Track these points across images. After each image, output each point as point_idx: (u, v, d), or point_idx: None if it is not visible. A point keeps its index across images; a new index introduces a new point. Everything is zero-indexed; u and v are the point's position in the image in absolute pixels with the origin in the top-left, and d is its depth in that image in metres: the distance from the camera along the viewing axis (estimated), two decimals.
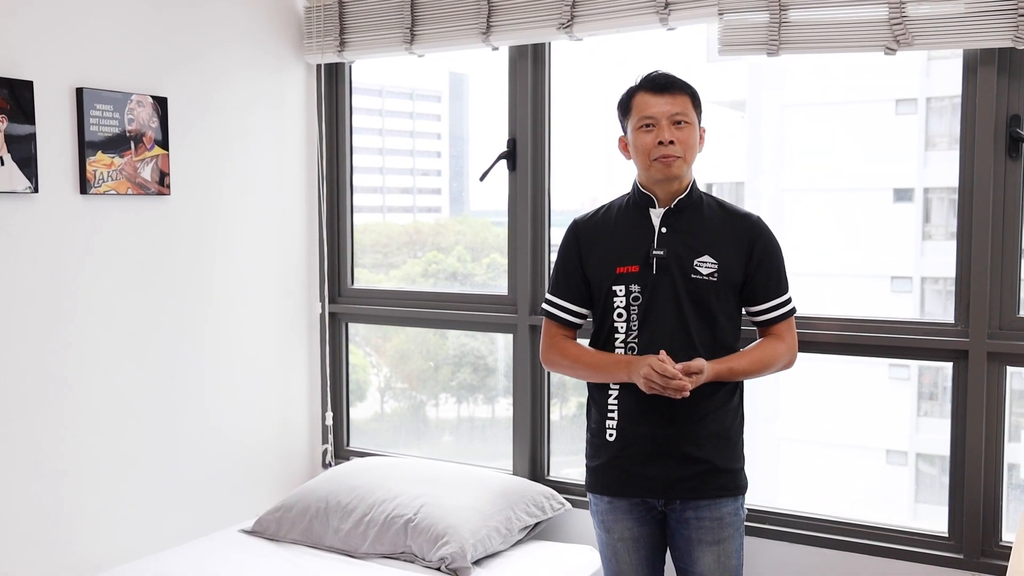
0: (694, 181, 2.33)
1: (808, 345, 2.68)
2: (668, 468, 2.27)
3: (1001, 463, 2.54)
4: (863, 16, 2.51)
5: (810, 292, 2.80)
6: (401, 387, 3.91)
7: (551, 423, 3.23)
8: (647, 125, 2.25)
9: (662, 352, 2.17)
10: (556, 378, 3.23)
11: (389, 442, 3.73)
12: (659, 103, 2.24)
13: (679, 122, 2.24)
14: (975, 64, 2.49)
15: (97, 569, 2.78)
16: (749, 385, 2.44)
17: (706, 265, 2.26)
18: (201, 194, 3.10)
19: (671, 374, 2.12)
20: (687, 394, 2.14)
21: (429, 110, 4.08)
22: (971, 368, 2.53)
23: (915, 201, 3.87)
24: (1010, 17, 2.34)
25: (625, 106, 2.32)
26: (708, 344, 2.26)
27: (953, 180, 2.57)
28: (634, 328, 2.28)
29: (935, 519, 2.67)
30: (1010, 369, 2.56)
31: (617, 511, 2.36)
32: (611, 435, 2.31)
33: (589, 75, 3.26)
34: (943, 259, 2.62)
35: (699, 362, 2.17)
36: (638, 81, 2.31)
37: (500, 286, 3.29)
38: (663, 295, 2.26)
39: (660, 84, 2.26)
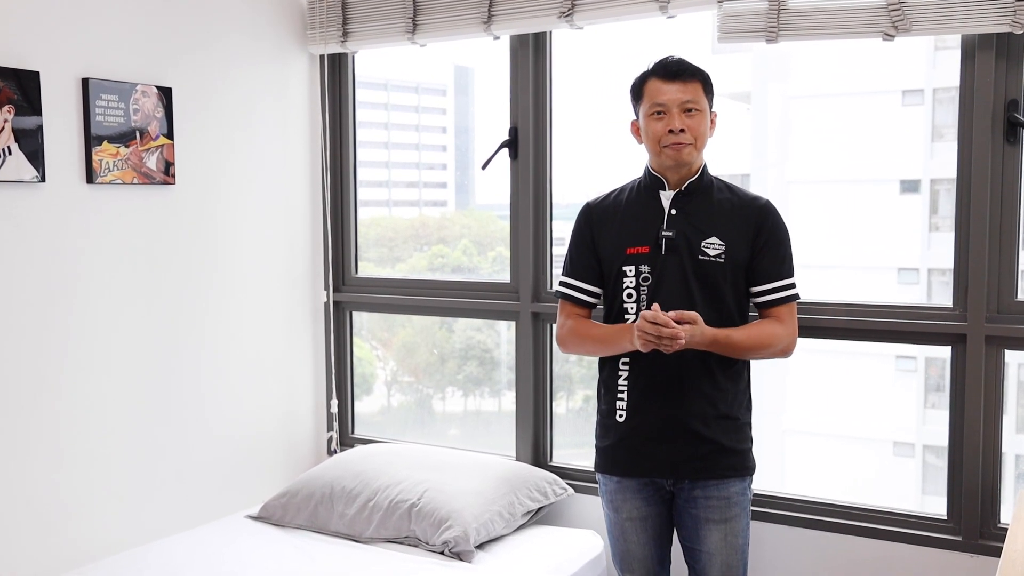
0: (705, 165, 2.34)
1: (807, 330, 2.69)
2: (677, 448, 2.29)
3: (999, 446, 2.54)
4: (861, 2, 2.51)
5: (816, 284, 2.81)
6: (407, 380, 3.92)
7: (555, 413, 3.24)
8: (658, 112, 2.27)
9: (655, 305, 2.17)
10: (560, 367, 3.25)
11: (396, 435, 3.72)
12: (670, 90, 2.26)
13: (690, 109, 2.26)
14: (973, 49, 2.50)
15: (104, 554, 2.82)
16: (756, 375, 2.45)
17: (714, 247, 2.28)
18: (205, 184, 3.13)
19: (662, 321, 2.12)
20: (682, 343, 2.12)
21: (434, 104, 4.10)
22: (969, 352, 2.53)
23: (922, 192, 3.86)
24: (1007, 1, 2.35)
25: (637, 91, 2.34)
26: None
27: None
28: (644, 308, 2.29)
29: (941, 508, 2.67)
30: (1021, 360, 2.55)
31: (626, 491, 2.39)
32: (621, 415, 2.34)
33: (592, 64, 3.28)
34: (950, 250, 2.60)
35: (693, 313, 2.17)
36: (651, 66, 2.32)
37: (504, 277, 3.31)
38: (672, 275, 2.28)
39: (672, 71, 2.28)
